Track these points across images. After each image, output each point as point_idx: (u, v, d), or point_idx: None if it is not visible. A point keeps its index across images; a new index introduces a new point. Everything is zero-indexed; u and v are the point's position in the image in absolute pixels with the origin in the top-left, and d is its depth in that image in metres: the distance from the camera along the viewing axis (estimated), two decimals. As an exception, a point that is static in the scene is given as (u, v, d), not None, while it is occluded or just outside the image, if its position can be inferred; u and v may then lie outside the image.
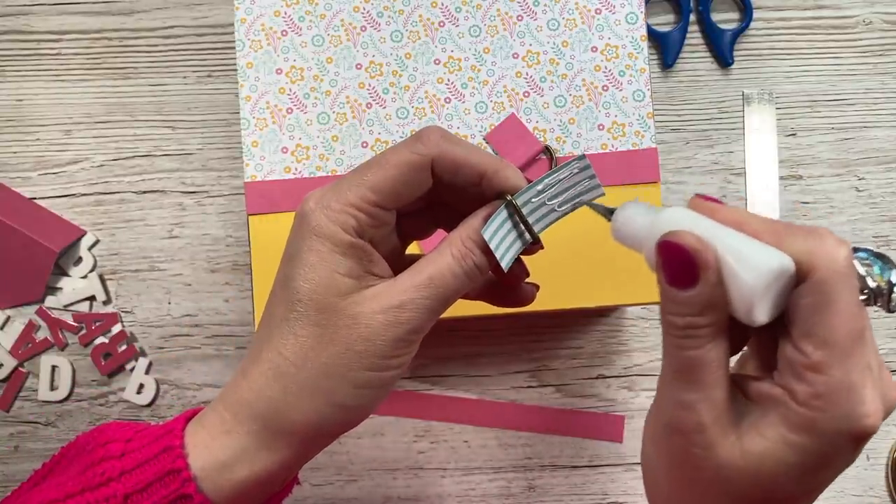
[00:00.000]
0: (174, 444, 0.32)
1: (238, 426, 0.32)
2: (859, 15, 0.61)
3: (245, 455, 0.32)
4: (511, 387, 0.58)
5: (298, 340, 0.32)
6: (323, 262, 0.31)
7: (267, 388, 0.32)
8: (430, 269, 0.32)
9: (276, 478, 0.33)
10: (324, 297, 0.31)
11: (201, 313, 0.58)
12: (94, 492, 0.31)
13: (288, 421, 0.32)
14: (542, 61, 0.50)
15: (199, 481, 0.31)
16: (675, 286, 0.28)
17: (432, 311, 0.32)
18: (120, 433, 0.33)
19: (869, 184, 0.59)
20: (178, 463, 0.31)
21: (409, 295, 0.31)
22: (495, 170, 0.32)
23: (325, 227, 0.31)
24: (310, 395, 0.32)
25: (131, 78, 0.60)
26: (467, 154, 0.32)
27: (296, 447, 0.32)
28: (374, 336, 0.31)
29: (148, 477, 0.31)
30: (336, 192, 0.32)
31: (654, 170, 0.49)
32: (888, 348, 0.58)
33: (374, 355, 0.31)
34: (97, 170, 0.59)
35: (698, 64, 0.60)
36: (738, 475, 0.28)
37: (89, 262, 0.58)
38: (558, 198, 0.33)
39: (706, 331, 0.28)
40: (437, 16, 0.50)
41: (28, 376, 0.58)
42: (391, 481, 0.57)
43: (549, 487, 0.57)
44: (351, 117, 0.49)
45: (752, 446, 0.28)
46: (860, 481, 0.57)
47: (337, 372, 0.31)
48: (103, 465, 0.31)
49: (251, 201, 0.49)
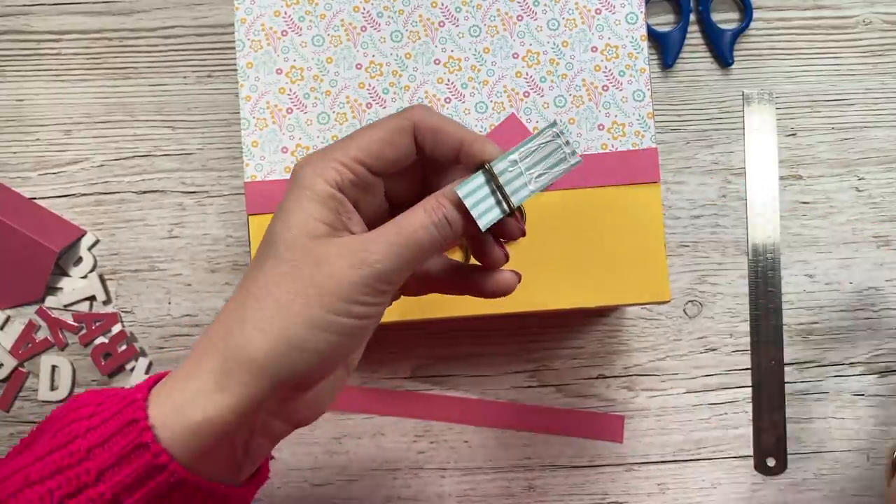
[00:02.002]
0: (137, 396, 0.31)
1: (199, 368, 0.32)
2: (859, 15, 0.61)
3: (199, 396, 0.31)
4: (511, 387, 0.58)
5: (265, 275, 0.32)
6: (300, 207, 0.32)
7: (226, 322, 0.32)
8: (401, 221, 0.33)
9: (231, 427, 0.31)
10: (294, 236, 0.32)
11: (201, 313, 0.58)
12: (61, 450, 0.31)
13: (244, 356, 0.31)
14: (542, 61, 0.50)
15: (155, 430, 0.30)
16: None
17: (401, 258, 0.32)
18: (92, 398, 0.33)
19: (869, 184, 0.59)
20: (138, 413, 0.31)
21: (377, 240, 0.32)
22: (472, 140, 0.34)
23: (308, 179, 0.33)
24: (265, 329, 0.31)
25: (131, 78, 0.60)
26: (446, 123, 0.34)
27: (250, 388, 0.31)
28: (337, 275, 0.31)
29: (110, 430, 0.31)
30: (324, 151, 0.34)
31: (654, 170, 0.49)
32: (888, 348, 0.58)
33: (334, 296, 0.31)
34: (97, 170, 0.59)
35: (698, 64, 0.60)
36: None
37: (89, 262, 0.58)
38: (535, 168, 0.33)
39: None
40: (437, 16, 0.50)
41: (28, 376, 0.58)
42: (391, 481, 0.57)
43: (549, 487, 0.57)
44: (351, 117, 0.49)
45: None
46: (860, 481, 0.57)
47: (295, 309, 0.31)
48: (72, 427, 0.31)
49: (251, 201, 0.49)
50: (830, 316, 0.58)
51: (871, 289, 0.59)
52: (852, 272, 0.58)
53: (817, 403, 0.58)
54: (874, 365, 0.58)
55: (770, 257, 0.58)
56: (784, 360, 0.58)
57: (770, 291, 0.58)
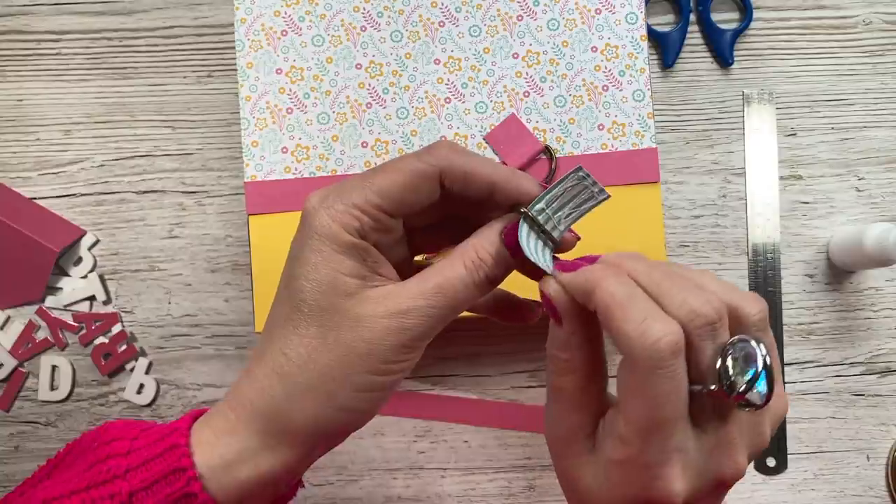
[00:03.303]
0: (180, 442, 0.31)
1: (242, 425, 0.32)
2: (859, 15, 0.61)
3: (248, 454, 0.32)
4: (511, 387, 0.58)
5: (301, 341, 0.32)
6: (325, 261, 0.31)
7: (270, 388, 0.32)
8: (440, 278, 0.32)
9: (279, 479, 0.33)
10: (327, 297, 0.31)
11: (201, 313, 0.58)
12: (99, 488, 0.31)
13: (290, 421, 0.32)
14: (542, 61, 0.50)
15: (203, 480, 0.31)
16: (553, 321, 0.32)
17: (439, 319, 0.32)
18: (126, 431, 0.33)
19: (869, 184, 0.59)
20: (184, 461, 0.31)
21: (415, 302, 0.31)
22: (507, 179, 0.33)
23: (327, 227, 0.31)
24: (311, 396, 0.31)
25: (131, 78, 0.60)
26: (477, 165, 0.33)
27: (298, 448, 0.32)
28: (377, 340, 0.31)
29: (153, 475, 0.31)
30: (340, 192, 0.32)
31: (654, 170, 0.49)
32: (888, 348, 0.58)
33: (376, 359, 0.31)
34: (97, 170, 0.59)
35: (698, 64, 0.60)
36: (592, 494, 0.31)
37: (89, 262, 0.58)
38: (563, 209, 0.33)
39: (564, 365, 0.32)
40: (437, 16, 0.50)
41: (28, 376, 0.58)
42: (391, 481, 0.57)
43: (549, 487, 0.57)
44: (351, 117, 0.49)
45: (597, 472, 0.31)
46: (860, 481, 0.57)
47: (338, 375, 0.31)
48: (108, 463, 0.31)
49: (251, 201, 0.49)
50: (830, 316, 0.58)
51: (871, 289, 0.59)
52: (852, 272, 0.58)
53: (817, 403, 0.58)
54: (874, 365, 0.58)
55: (770, 257, 0.58)
56: (784, 360, 0.58)
57: (770, 291, 0.58)
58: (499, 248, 0.33)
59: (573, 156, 0.49)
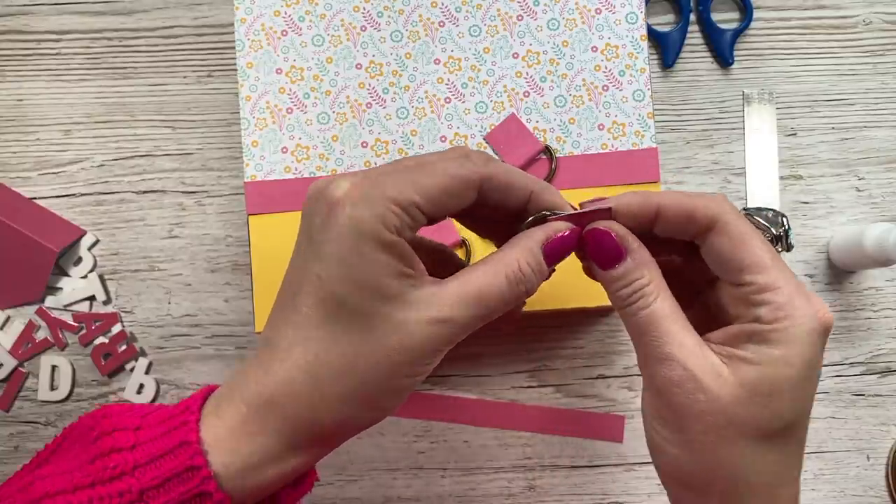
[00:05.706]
0: (191, 439, 0.30)
1: (259, 424, 0.31)
2: (859, 15, 0.61)
3: (270, 456, 0.31)
4: (511, 387, 0.58)
5: (339, 346, 0.30)
6: (366, 262, 0.29)
7: (299, 389, 0.31)
8: (482, 285, 0.31)
9: (299, 474, 0.33)
10: (368, 301, 0.30)
11: (201, 313, 0.58)
12: (106, 485, 0.30)
13: (319, 424, 0.31)
14: (542, 61, 0.50)
15: (220, 479, 0.30)
16: (607, 268, 0.33)
17: (474, 327, 0.32)
18: (127, 419, 0.32)
19: (869, 184, 0.59)
20: (197, 460, 0.30)
21: (458, 311, 0.31)
22: (540, 191, 0.34)
23: (368, 223, 0.29)
24: (349, 400, 0.31)
25: (131, 78, 0.60)
26: (515, 177, 0.33)
27: (324, 449, 0.32)
28: (418, 347, 0.31)
29: (164, 472, 0.30)
30: (375, 184, 0.30)
31: (655, 170, 0.49)
32: (888, 348, 0.58)
33: (412, 363, 0.31)
34: (97, 170, 0.59)
35: (698, 64, 0.60)
36: (744, 408, 0.30)
37: (89, 262, 0.58)
38: None
39: (650, 287, 0.32)
40: (437, 16, 0.50)
41: (28, 376, 0.58)
42: (391, 481, 0.57)
43: (549, 487, 0.57)
44: (351, 117, 0.49)
45: (746, 376, 0.31)
46: (860, 481, 0.57)
47: (375, 379, 0.31)
48: (114, 458, 0.30)
49: (251, 201, 0.48)
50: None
51: (871, 289, 0.59)
52: (852, 272, 0.58)
53: (817, 403, 0.58)
54: (874, 365, 0.58)
55: (770, 257, 0.58)
56: (784, 360, 0.58)
57: (770, 291, 0.58)
58: (540, 262, 0.33)
59: (573, 156, 0.49)
